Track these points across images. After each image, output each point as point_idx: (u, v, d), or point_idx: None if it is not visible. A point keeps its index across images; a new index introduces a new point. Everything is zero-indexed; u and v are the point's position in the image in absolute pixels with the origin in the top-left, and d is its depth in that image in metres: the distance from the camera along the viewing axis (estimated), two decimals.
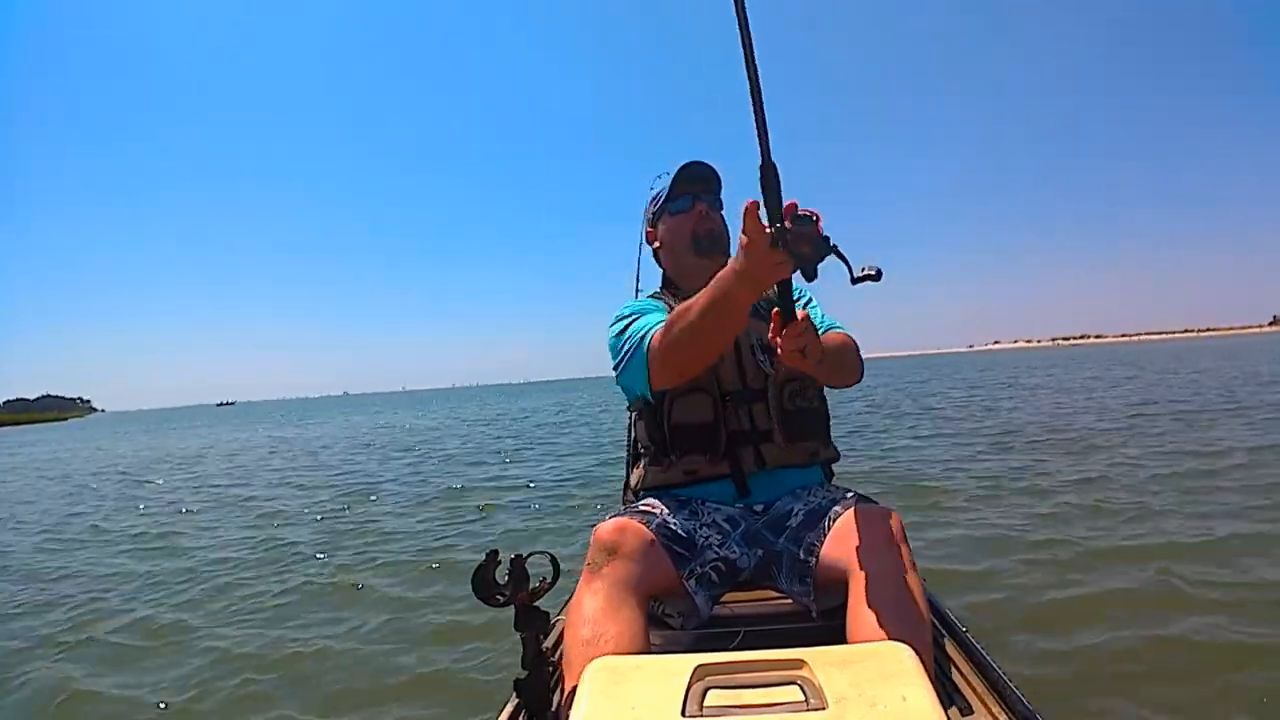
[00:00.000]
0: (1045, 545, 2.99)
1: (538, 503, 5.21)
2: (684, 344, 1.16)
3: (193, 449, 14.70)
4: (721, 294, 1.05)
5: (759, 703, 0.69)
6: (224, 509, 6.05)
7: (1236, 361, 20.09)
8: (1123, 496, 3.83)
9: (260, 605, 3.13)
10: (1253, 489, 3.82)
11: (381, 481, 7.07)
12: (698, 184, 1.44)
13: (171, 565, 4.08)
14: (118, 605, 3.31)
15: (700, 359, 1.21)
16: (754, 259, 0.94)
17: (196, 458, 12.31)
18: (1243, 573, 2.48)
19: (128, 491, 7.94)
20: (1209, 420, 7.03)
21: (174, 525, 5.43)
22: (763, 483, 1.32)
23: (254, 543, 4.49)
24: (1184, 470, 4.47)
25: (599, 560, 1.08)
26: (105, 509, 6.60)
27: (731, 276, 1.02)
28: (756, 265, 0.95)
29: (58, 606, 3.37)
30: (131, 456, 13.75)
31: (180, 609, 3.18)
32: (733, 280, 1.02)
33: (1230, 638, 1.98)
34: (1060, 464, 5.05)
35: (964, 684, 1.08)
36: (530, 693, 1.03)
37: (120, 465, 11.81)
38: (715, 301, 1.07)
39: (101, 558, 4.46)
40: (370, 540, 4.29)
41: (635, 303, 1.44)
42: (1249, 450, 5.05)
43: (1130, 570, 2.58)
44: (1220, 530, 3.01)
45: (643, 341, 1.27)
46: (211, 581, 3.61)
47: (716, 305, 1.07)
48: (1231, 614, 2.11)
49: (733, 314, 1.08)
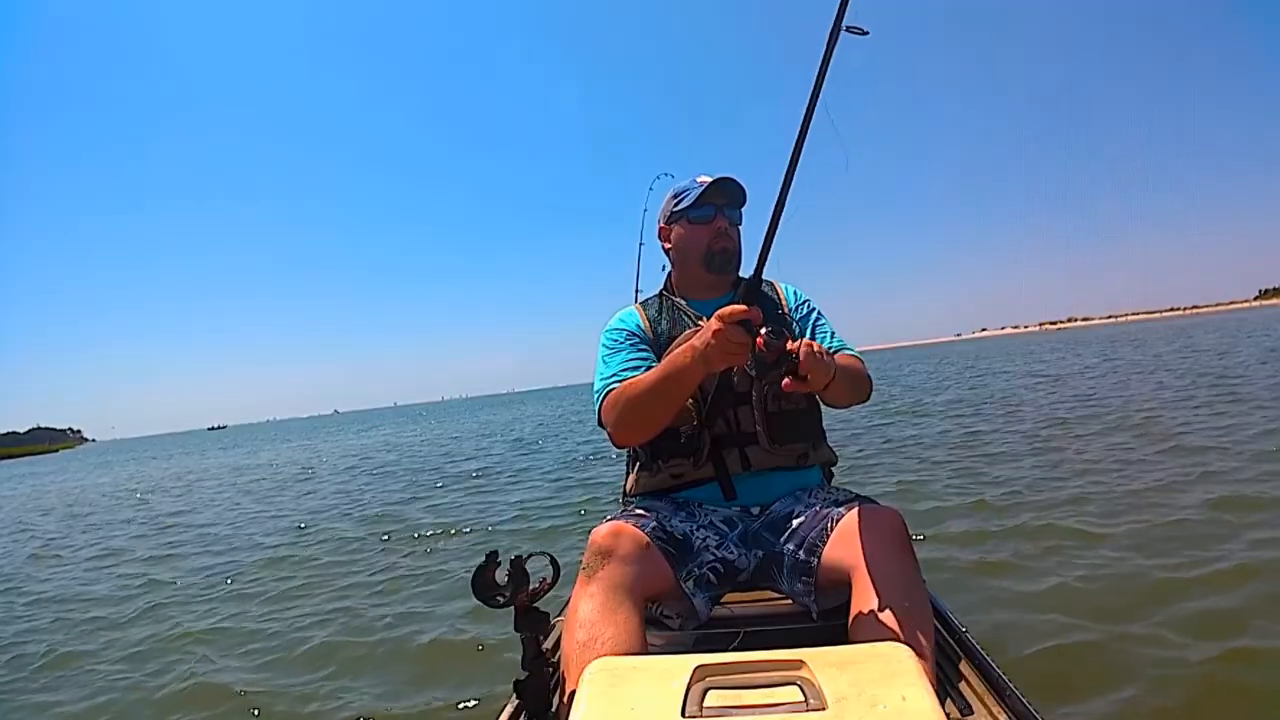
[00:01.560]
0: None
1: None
2: (633, 419, 1.25)
3: (118, 483, 13.72)
4: (675, 371, 1.15)
5: (759, 703, 0.69)
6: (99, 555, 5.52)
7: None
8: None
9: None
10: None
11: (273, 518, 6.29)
12: (724, 198, 1.43)
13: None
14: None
15: (651, 429, 1.27)
16: (721, 343, 1.04)
17: (111, 499, 11.05)
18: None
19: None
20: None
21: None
22: (750, 485, 1.32)
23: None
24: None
25: (594, 564, 1.09)
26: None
27: (689, 357, 1.11)
28: (721, 349, 1.04)
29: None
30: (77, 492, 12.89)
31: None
32: (689, 360, 1.11)
33: (1236, 635, 1.97)
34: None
35: (964, 684, 1.08)
36: (530, 694, 1.03)
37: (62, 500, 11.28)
38: (667, 378, 1.17)
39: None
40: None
41: (615, 328, 1.45)
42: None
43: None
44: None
45: (596, 400, 1.34)
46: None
47: (667, 382, 1.17)
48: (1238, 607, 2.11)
49: (682, 391, 1.19)
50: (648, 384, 1.20)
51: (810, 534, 1.18)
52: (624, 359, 1.36)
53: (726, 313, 1.04)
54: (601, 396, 1.32)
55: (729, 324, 1.03)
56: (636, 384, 1.23)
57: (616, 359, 1.37)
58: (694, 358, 1.10)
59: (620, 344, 1.40)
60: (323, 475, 10.41)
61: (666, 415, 1.24)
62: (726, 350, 1.04)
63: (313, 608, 3.28)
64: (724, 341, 1.03)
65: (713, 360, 1.07)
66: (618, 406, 1.26)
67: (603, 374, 1.35)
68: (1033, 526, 3.21)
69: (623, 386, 1.27)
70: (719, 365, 1.09)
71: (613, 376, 1.32)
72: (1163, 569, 2.51)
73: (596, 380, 1.36)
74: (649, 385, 1.20)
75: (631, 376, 1.30)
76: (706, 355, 1.07)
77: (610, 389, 1.30)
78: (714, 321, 1.05)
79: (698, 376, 1.14)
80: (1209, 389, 7.75)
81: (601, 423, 1.32)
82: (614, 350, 1.39)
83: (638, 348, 1.38)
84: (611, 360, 1.37)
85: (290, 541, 5.06)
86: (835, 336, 1.46)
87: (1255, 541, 2.67)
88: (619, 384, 1.29)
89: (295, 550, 4.67)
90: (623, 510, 1.32)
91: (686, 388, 1.18)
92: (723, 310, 1.05)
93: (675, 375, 1.15)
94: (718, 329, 1.04)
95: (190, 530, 6.35)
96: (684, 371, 1.13)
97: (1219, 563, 2.49)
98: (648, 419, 1.24)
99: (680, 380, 1.15)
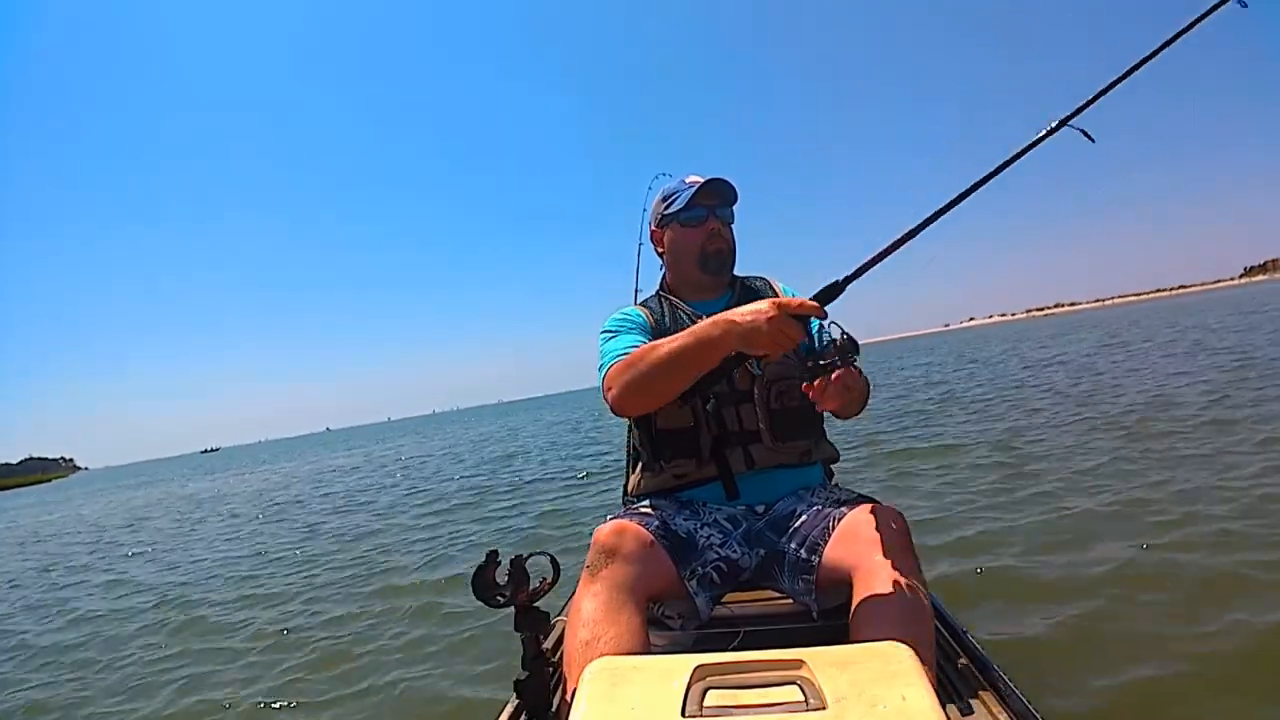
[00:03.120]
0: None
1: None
2: (644, 382, 1.19)
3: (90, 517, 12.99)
4: (702, 340, 1.11)
5: (759, 703, 0.69)
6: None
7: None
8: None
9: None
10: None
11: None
12: (715, 199, 1.42)
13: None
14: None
15: (656, 399, 1.22)
16: (774, 329, 1.02)
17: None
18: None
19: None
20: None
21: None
22: (754, 483, 1.32)
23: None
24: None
25: (598, 563, 1.08)
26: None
27: (722, 329, 1.08)
28: (772, 336, 1.02)
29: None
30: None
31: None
32: (720, 333, 1.08)
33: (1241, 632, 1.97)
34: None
35: (964, 684, 1.09)
36: (530, 693, 1.04)
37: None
38: (692, 346, 1.13)
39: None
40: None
41: (619, 317, 1.44)
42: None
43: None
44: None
45: (601, 371, 1.30)
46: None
47: (691, 350, 1.13)
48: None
49: (704, 362, 1.14)
50: (670, 348, 1.15)
51: (812, 533, 1.18)
52: (632, 339, 1.33)
53: (786, 302, 1.03)
54: (608, 365, 1.28)
55: (785, 315, 1.02)
56: (655, 346, 1.18)
57: (624, 339, 1.34)
58: (729, 331, 1.07)
59: (626, 329, 1.39)
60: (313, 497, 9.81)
61: (680, 385, 1.18)
62: (776, 340, 1.03)
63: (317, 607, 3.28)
64: (778, 330, 1.02)
65: (757, 341, 1.04)
66: (629, 370, 1.21)
67: (611, 349, 1.32)
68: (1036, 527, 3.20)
69: (639, 350, 1.22)
70: (759, 349, 1.06)
71: (622, 350, 1.29)
72: (1170, 567, 2.51)
73: (602, 356, 1.33)
74: (672, 349, 1.15)
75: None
76: (749, 334, 1.04)
77: (620, 358, 1.26)
78: (769, 307, 1.03)
79: (726, 350, 1.10)
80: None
81: (605, 391, 1.27)
82: (619, 333, 1.37)
83: (644, 331, 1.37)
84: (618, 341, 1.34)
85: (292, 542, 5.06)
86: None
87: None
88: (620, 358, 1.26)
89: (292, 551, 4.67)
90: (626, 509, 1.32)
91: (710, 360, 1.13)
92: (783, 299, 1.04)
93: (702, 344, 1.11)
94: (773, 316, 1.02)
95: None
96: (713, 342, 1.10)
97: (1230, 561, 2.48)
98: (660, 386, 1.19)
99: (706, 349, 1.12)
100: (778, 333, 1.02)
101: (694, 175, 1.44)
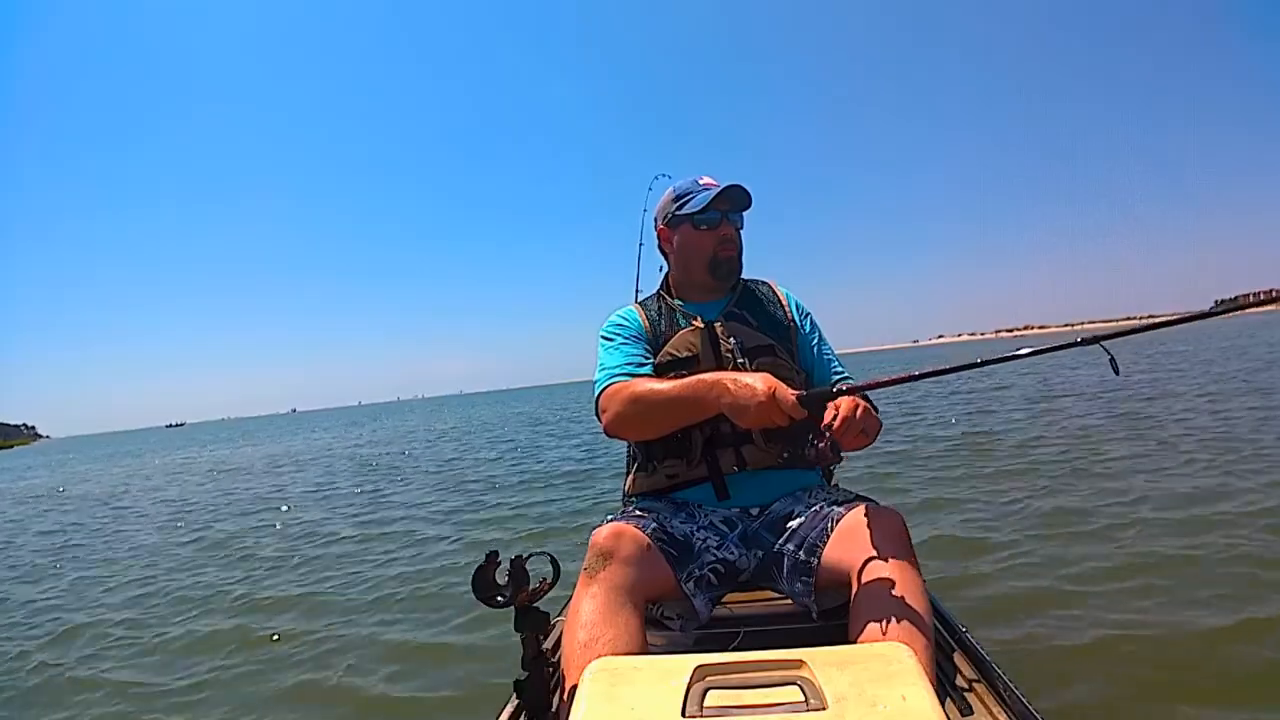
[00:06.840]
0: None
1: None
2: (637, 420, 1.26)
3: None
4: (696, 399, 1.17)
5: (759, 703, 0.69)
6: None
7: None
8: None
9: None
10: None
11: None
12: (733, 205, 1.42)
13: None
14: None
15: (646, 435, 1.31)
16: (761, 414, 1.06)
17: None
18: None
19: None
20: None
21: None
22: (745, 484, 1.32)
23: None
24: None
25: (596, 565, 1.09)
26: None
27: (717, 395, 1.13)
28: (758, 417, 1.07)
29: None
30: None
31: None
32: (714, 398, 1.14)
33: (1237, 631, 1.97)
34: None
35: (964, 684, 1.08)
36: (530, 693, 1.03)
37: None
38: (686, 401, 1.19)
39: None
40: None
41: (617, 322, 1.45)
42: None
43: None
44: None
45: (597, 388, 1.34)
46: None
47: (685, 405, 1.19)
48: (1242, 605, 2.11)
49: (694, 417, 1.22)
50: (664, 396, 1.21)
51: (810, 534, 1.18)
52: (628, 353, 1.36)
53: (783, 396, 1.06)
54: (603, 385, 1.32)
55: (780, 407, 1.05)
56: (654, 391, 1.23)
57: (621, 352, 1.37)
58: (720, 399, 1.13)
59: (623, 339, 1.40)
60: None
61: (668, 428, 1.27)
62: (761, 421, 1.08)
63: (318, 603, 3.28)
64: (764, 415, 1.06)
65: (743, 417, 1.10)
66: (622, 402, 1.26)
67: (607, 364, 1.36)
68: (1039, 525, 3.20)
69: (634, 385, 1.27)
70: (743, 424, 1.12)
71: (617, 368, 1.33)
72: (1170, 566, 2.51)
73: (599, 370, 1.37)
74: (665, 397, 1.21)
75: (635, 373, 1.31)
76: (737, 409, 1.10)
77: (615, 380, 1.31)
78: (764, 391, 1.06)
79: (715, 412, 1.17)
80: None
81: (600, 412, 1.32)
82: (617, 344, 1.40)
83: (639, 344, 1.39)
84: (616, 353, 1.37)
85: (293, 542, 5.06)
86: (837, 361, 1.45)
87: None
88: (625, 377, 1.30)
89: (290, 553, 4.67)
90: (623, 511, 1.32)
91: (699, 416, 1.21)
92: (781, 391, 1.07)
93: (695, 402, 1.17)
94: (764, 402, 1.06)
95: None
96: (705, 404, 1.16)
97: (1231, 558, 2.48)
98: (650, 426, 1.28)
99: (698, 408, 1.18)
100: (764, 417, 1.07)
101: (708, 177, 1.44)
